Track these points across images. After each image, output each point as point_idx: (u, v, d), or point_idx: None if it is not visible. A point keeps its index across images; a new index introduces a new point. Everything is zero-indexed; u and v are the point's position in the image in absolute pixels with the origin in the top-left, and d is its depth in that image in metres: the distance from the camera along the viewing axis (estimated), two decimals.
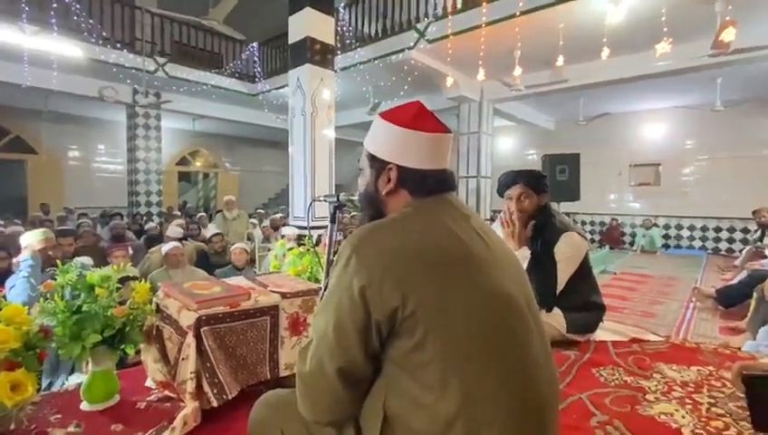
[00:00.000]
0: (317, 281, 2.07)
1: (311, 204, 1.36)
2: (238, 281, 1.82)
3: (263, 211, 9.19)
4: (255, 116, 9.26)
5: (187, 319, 1.44)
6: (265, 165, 13.57)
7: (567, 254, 1.91)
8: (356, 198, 1.12)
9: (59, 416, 1.38)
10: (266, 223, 6.54)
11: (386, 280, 0.76)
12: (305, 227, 5.07)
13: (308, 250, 2.27)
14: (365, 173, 0.95)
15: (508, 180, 2.03)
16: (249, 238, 5.79)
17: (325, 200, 1.29)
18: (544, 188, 2.02)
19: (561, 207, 5.52)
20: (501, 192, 2.06)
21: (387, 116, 0.92)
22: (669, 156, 8.45)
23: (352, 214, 8.04)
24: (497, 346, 0.77)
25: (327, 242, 1.28)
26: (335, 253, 1.23)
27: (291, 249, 2.49)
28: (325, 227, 1.29)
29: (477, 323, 0.77)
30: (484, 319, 0.78)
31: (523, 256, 1.91)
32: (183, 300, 1.52)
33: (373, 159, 0.92)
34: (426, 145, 0.88)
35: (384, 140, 0.91)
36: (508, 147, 10.73)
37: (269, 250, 4.43)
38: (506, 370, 0.77)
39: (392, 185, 0.89)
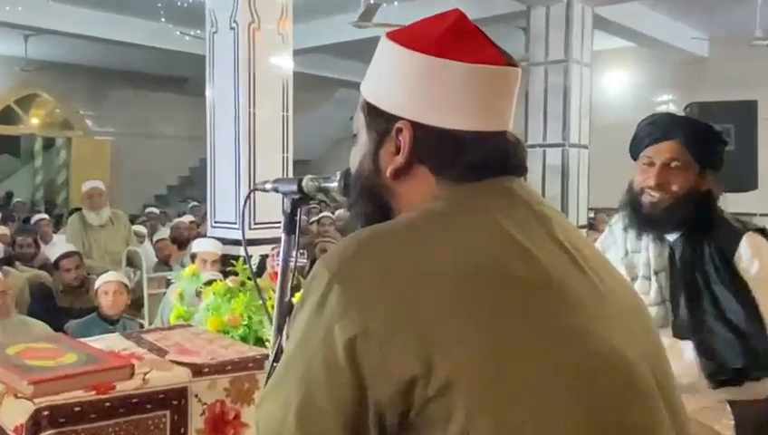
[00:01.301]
0: (261, 343, 2.07)
1: (248, 196, 1.39)
2: (111, 342, 1.83)
3: (157, 211, 9.11)
4: (144, 31, 9.30)
5: (13, 414, 1.44)
6: (162, 123, 13.57)
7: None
8: (334, 184, 1.14)
9: None
10: (163, 233, 6.50)
11: (396, 328, 0.77)
12: (237, 241, 5.07)
13: (242, 284, 2.27)
14: (360, 139, 0.98)
15: (657, 127, 2.05)
16: (131, 262, 5.72)
17: (275, 190, 1.31)
18: (715, 162, 2.04)
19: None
20: (638, 149, 2.09)
21: (398, 36, 0.94)
22: None
23: (322, 213, 8.09)
24: None
25: (279, 269, 1.29)
26: (295, 287, 1.23)
27: (210, 283, 2.50)
28: (275, 240, 1.29)
29: (562, 407, 0.77)
30: (575, 401, 0.78)
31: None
32: (6, 378, 1.52)
33: (372, 111, 0.95)
34: (467, 87, 0.90)
35: (392, 79, 0.93)
36: (620, 89, 10.64)
37: (169, 284, 4.42)
38: None
39: (403, 158, 0.91)
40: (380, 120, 0.94)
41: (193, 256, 4.68)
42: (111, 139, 12.93)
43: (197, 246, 4.83)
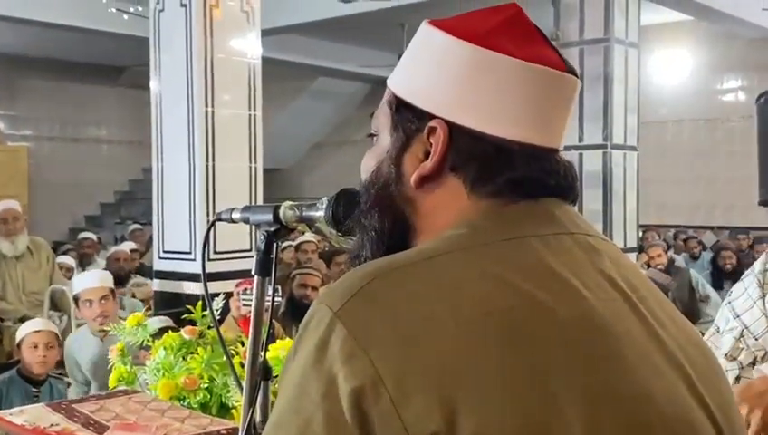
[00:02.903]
0: (226, 411, 2.05)
1: (210, 227, 1.36)
2: (36, 416, 1.91)
3: (94, 237, 9.37)
4: (69, 8, 9.37)
5: None
6: (93, 124, 13.56)
7: None
8: (320, 213, 1.14)
9: None
10: (98, 265, 6.50)
11: (413, 376, 0.79)
12: (193, 276, 5.07)
13: (200, 335, 2.25)
14: (380, 142, 1.04)
15: None
16: (56, 305, 5.80)
17: (245, 221, 1.37)
18: None
19: None
20: None
21: (442, 23, 1.00)
22: None
23: (302, 237, 8.13)
24: None
25: (251, 319, 1.27)
26: (268, 338, 1.23)
27: (161, 332, 2.48)
28: (240, 274, 1.29)
29: None
30: None
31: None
32: None
33: (401, 107, 1.00)
34: (519, 88, 0.96)
35: (429, 70, 0.99)
36: (675, 75, 11.03)
37: (106, 333, 4.37)
38: None
39: (432, 163, 0.96)
40: (410, 118, 1.00)
41: (75, 300, 4.61)
42: (28, 145, 13.00)
43: (77, 284, 4.73)
